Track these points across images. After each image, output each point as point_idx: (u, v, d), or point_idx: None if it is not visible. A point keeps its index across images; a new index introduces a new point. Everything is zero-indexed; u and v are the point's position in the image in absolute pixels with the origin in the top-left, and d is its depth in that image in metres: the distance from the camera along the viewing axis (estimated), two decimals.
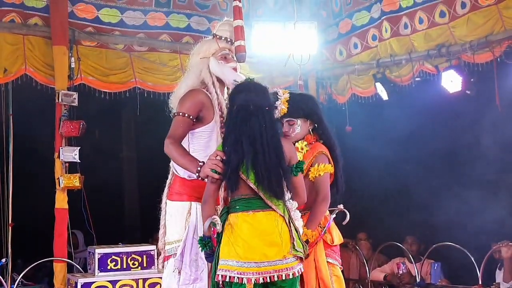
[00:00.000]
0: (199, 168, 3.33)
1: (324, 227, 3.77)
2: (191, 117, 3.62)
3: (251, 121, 3.23)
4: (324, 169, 3.70)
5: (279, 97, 3.72)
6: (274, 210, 3.23)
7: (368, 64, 7.76)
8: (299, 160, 3.40)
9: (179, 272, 3.58)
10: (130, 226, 9.97)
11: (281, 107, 3.68)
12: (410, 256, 7.03)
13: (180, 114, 3.61)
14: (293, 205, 3.34)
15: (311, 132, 3.87)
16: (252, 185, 3.21)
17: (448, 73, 6.82)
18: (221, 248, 3.23)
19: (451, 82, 6.80)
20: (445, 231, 6.85)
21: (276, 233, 3.20)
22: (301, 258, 3.28)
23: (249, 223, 3.20)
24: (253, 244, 3.17)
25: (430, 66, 7.15)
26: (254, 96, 3.31)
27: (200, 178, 3.36)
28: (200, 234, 3.55)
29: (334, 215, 3.84)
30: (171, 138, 3.54)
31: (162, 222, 3.75)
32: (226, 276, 3.17)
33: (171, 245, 3.67)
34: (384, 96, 7.55)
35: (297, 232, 3.28)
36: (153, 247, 5.97)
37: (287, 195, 3.30)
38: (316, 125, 3.86)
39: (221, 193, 3.49)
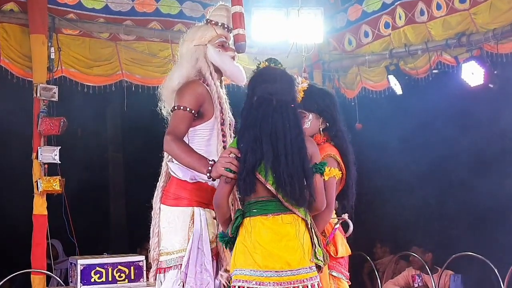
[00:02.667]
0: (210, 168, 3.28)
1: (327, 237, 3.78)
2: (193, 111, 3.58)
3: (273, 118, 3.18)
4: (329, 174, 3.69)
5: (296, 84, 3.75)
6: (295, 213, 3.21)
7: (380, 55, 7.77)
8: (321, 161, 3.36)
9: (183, 286, 3.55)
10: (116, 234, 9.97)
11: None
12: (427, 267, 7.05)
13: (181, 108, 3.56)
14: None
15: (321, 132, 3.88)
16: (271, 188, 3.17)
17: (468, 64, 6.82)
18: (236, 256, 3.20)
19: (472, 74, 6.80)
20: (466, 240, 6.86)
21: (299, 238, 3.17)
22: (320, 268, 3.26)
23: (268, 227, 3.17)
24: (273, 250, 3.14)
25: (448, 57, 7.15)
26: (278, 88, 3.26)
27: (211, 179, 3.32)
28: (206, 243, 3.55)
29: (339, 225, 3.85)
30: (172, 135, 3.48)
31: (155, 230, 3.71)
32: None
33: (170, 255, 3.63)
34: (398, 90, 7.56)
35: (317, 238, 3.26)
36: (141, 257, 5.97)
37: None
38: (328, 124, 3.87)
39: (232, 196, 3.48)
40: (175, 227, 3.63)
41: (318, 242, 3.26)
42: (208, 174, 3.30)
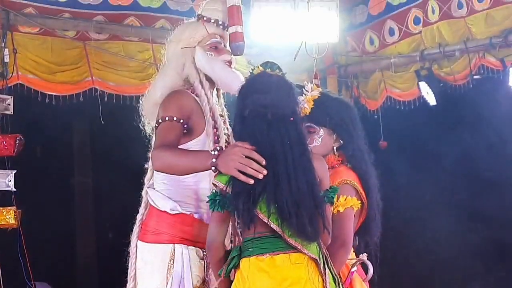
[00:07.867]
0: (214, 160, 3.15)
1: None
2: (181, 121, 3.56)
3: (269, 135, 3.16)
4: (345, 204, 3.66)
5: (305, 92, 3.73)
6: (301, 251, 3.18)
7: (409, 57, 7.80)
8: (331, 186, 3.35)
9: None
10: (84, 278, 9.95)
11: (303, 105, 3.68)
12: None
13: (167, 118, 3.53)
14: None
15: (335, 152, 3.88)
16: (273, 226, 3.13)
17: None
18: None
19: None
20: None
21: (302, 284, 3.14)
22: None
23: (264, 271, 3.15)
24: None
25: (493, 60, 7.18)
26: (274, 98, 3.22)
27: (215, 172, 3.20)
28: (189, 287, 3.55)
29: (356, 267, 3.84)
30: (161, 146, 3.44)
31: (131, 273, 3.72)
32: None
33: None
34: (431, 100, 7.58)
35: (335, 282, 3.24)
36: None
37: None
38: (342, 142, 3.87)
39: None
40: (152, 268, 3.63)
41: (336, 286, 3.24)
42: (213, 168, 3.17)
